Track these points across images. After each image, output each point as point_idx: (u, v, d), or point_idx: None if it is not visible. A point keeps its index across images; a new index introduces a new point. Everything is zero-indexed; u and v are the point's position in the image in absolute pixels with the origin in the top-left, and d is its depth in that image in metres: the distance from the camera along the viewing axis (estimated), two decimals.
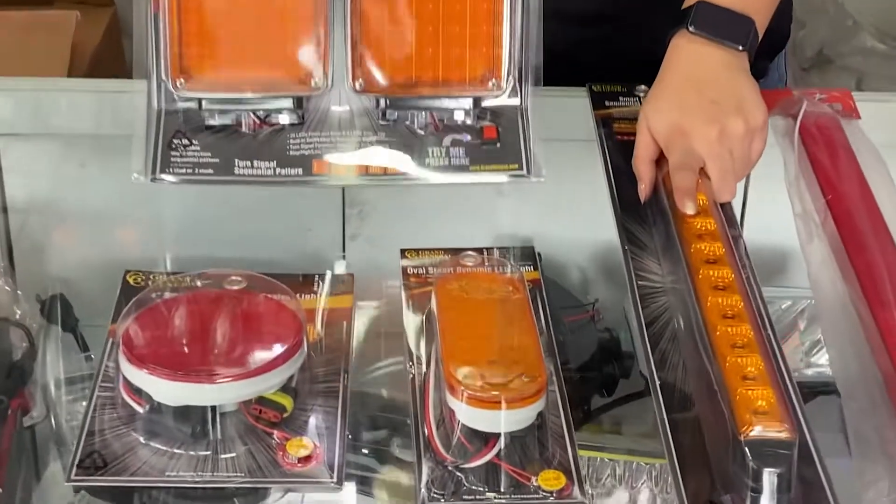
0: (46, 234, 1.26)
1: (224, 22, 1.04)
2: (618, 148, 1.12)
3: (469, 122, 1.06)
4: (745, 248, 1.02)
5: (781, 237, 1.15)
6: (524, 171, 1.04)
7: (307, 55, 1.04)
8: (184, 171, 1.02)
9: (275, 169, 1.03)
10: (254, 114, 1.04)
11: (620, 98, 1.20)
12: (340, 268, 1.24)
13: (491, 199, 1.25)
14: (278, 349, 0.99)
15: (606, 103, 1.19)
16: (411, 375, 1.02)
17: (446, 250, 1.14)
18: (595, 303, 1.20)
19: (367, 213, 1.26)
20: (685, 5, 1.09)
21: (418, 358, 1.03)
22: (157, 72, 1.03)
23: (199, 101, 1.04)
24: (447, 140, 1.06)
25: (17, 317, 1.14)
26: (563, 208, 1.27)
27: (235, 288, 1.06)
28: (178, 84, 1.03)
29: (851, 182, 1.09)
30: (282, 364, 0.98)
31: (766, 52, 1.27)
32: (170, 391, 0.95)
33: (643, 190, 1.06)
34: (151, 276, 1.14)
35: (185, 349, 0.99)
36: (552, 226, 1.27)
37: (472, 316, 1.03)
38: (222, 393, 0.96)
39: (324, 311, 1.12)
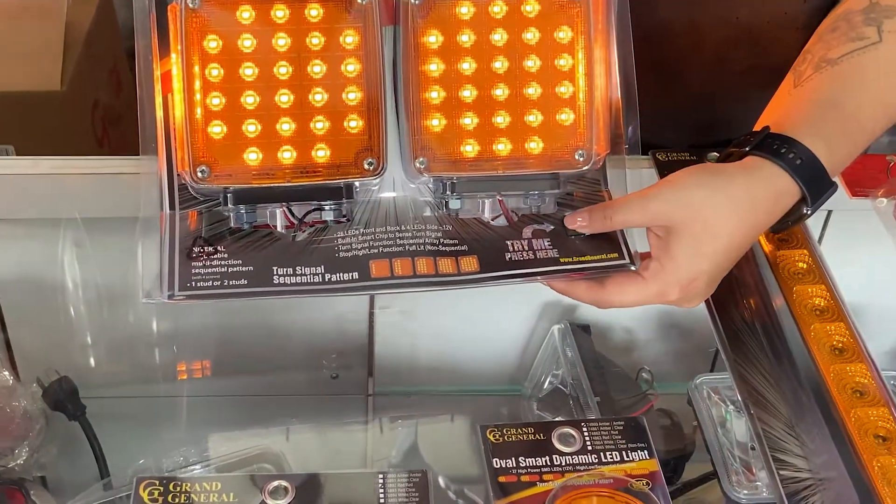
0: (44, 312, 1.10)
1: (257, 96, 0.85)
2: None
3: (550, 208, 0.88)
4: None
5: None
6: (626, 260, 0.86)
7: (357, 132, 0.86)
8: (210, 283, 0.84)
9: (323, 275, 0.85)
10: (289, 211, 0.86)
11: None
12: None
13: None
14: None
15: None
16: None
17: (535, 426, 0.91)
18: (652, 383, 1.08)
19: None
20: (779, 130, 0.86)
21: None
22: (170, 166, 0.85)
23: (225, 195, 0.86)
24: (527, 231, 0.88)
25: (19, 407, 1.04)
26: None
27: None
28: (198, 174, 0.85)
29: None
30: None
31: None
32: None
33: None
34: (170, 487, 0.88)
35: None
36: None
37: None
38: None
39: None
